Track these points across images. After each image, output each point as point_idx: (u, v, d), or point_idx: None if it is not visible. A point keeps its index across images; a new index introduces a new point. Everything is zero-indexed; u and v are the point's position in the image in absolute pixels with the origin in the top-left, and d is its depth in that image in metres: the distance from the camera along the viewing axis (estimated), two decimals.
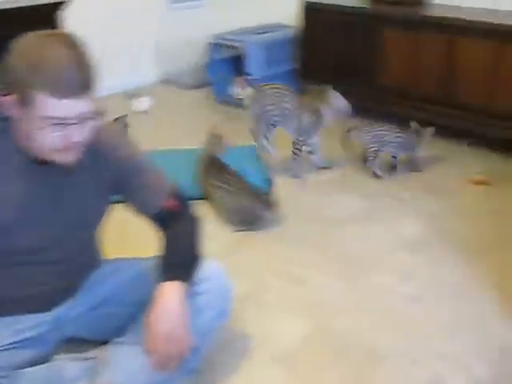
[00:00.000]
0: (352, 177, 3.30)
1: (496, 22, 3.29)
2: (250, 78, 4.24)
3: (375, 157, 3.26)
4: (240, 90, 4.54)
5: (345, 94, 4.00)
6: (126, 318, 1.63)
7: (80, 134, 1.33)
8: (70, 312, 1.65)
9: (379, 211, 2.92)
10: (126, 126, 3.46)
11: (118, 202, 1.64)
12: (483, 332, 2.07)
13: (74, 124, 1.30)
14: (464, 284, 2.35)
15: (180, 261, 1.50)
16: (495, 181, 3.19)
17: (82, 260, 1.65)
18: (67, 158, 1.37)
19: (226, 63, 4.61)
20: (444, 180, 3.25)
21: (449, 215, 2.87)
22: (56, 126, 1.28)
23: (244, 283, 2.30)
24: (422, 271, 2.43)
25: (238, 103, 4.32)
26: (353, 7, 3.92)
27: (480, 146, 3.61)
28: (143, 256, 1.77)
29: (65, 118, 1.28)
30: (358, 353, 1.96)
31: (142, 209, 1.61)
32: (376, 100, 3.85)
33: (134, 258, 1.80)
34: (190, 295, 1.50)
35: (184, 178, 2.84)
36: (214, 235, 2.62)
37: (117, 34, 4.54)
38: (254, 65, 4.24)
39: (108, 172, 1.54)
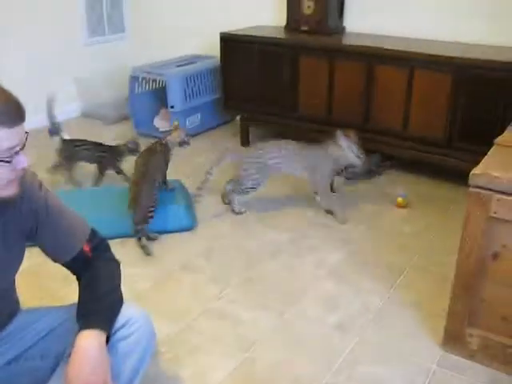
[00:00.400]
0: (274, 206, 3.32)
1: (407, 49, 3.42)
2: (172, 110, 4.23)
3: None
4: (164, 122, 4.53)
5: (266, 124, 4.08)
6: (47, 372, 1.55)
7: (26, 159, 1.32)
8: None
9: (304, 241, 2.94)
10: (137, 147, 3.43)
11: (32, 246, 1.58)
12: (408, 356, 2.11)
13: (21, 150, 1.30)
14: (387, 308, 2.39)
15: (98, 307, 1.44)
16: (416, 202, 3.30)
17: None
18: (12, 190, 1.34)
19: (150, 95, 4.59)
20: (368, 204, 3.32)
21: (372, 240, 2.93)
22: (9, 157, 1.27)
23: (170, 323, 2.26)
24: (347, 299, 2.45)
25: (161, 136, 4.27)
26: (268, 37, 3.97)
27: (400, 169, 3.73)
28: (62, 304, 1.70)
29: (16, 146, 1.28)
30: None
31: (58, 254, 1.55)
32: (296, 128, 3.91)
33: (53, 307, 1.72)
34: (112, 342, 1.45)
35: (105, 216, 2.80)
36: (135, 276, 2.58)
37: (35, 71, 4.45)
38: (176, 97, 4.23)
39: (25, 215, 1.47)
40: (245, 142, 4.28)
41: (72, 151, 3.41)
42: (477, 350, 2.04)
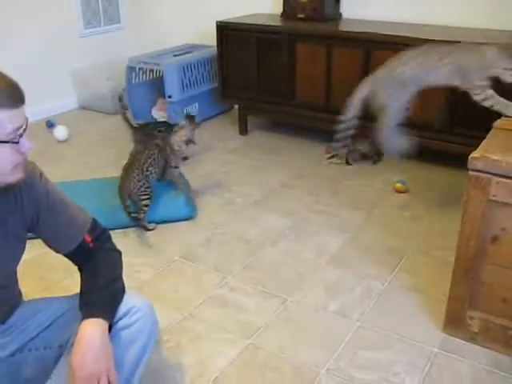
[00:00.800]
0: (273, 194, 3.33)
1: (404, 34, 3.40)
2: (169, 99, 4.22)
3: None
4: (161, 113, 4.52)
5: (264, 112, 4.06)
6: (51, 361, 1.55)
7: (29, 141, 1.34)
8: None
9: (304, 227, 2.95)
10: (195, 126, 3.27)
11: (33, 238, 1.58)
12: (409, 339, 2.12)
13: (24, 131, 1.32)
14: (388, 293, 2.40)
15: (100, 297, 1.45)
16: (416, 187, 3.30)
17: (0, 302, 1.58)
18: (18, 175, 1.36)
19: (147, 85, 4.57)
20: (367, 190, 3.32)
21: (372, 225, 2.94)
22: (16, 138, 1.29)
23: (172, 311, 2.27)
24: (348, 284, 2.46)
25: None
26: (265, 25, 3.95)
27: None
28: (64, 294, 1.70)
29: (20, 127, 1.30)
30: (289, 370, 1.97)
31: (60, 244, 1.55)
32: (294, 115, 3.90)
33: (54, 298, 1.72)
34: (114, 331, 1.46)
35: (107, 207, 2.80)
36: (137, 266, 2.57)
37: (30, 63, 4.42)
38: (173, 87, 4.22)
39: (26, 204, 1.47)
40: (243, 130, 4.27)
41: (143, 136, 3.42)
42: (478, 333, 2.05)
